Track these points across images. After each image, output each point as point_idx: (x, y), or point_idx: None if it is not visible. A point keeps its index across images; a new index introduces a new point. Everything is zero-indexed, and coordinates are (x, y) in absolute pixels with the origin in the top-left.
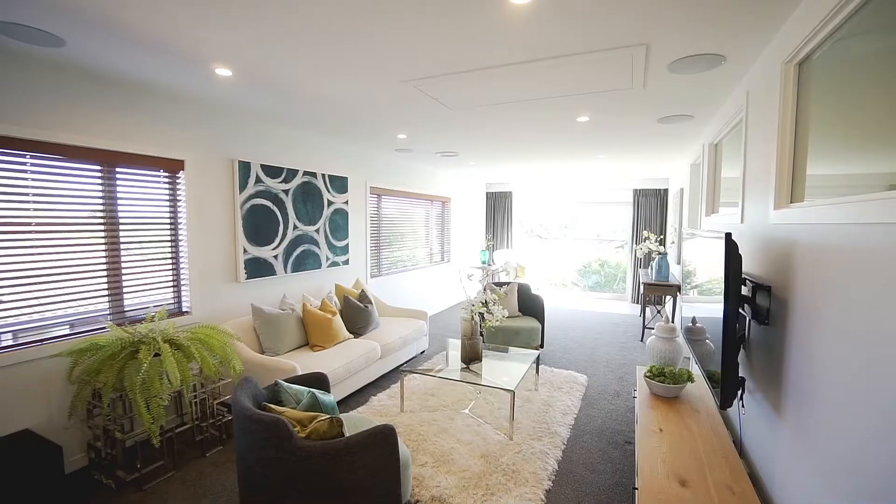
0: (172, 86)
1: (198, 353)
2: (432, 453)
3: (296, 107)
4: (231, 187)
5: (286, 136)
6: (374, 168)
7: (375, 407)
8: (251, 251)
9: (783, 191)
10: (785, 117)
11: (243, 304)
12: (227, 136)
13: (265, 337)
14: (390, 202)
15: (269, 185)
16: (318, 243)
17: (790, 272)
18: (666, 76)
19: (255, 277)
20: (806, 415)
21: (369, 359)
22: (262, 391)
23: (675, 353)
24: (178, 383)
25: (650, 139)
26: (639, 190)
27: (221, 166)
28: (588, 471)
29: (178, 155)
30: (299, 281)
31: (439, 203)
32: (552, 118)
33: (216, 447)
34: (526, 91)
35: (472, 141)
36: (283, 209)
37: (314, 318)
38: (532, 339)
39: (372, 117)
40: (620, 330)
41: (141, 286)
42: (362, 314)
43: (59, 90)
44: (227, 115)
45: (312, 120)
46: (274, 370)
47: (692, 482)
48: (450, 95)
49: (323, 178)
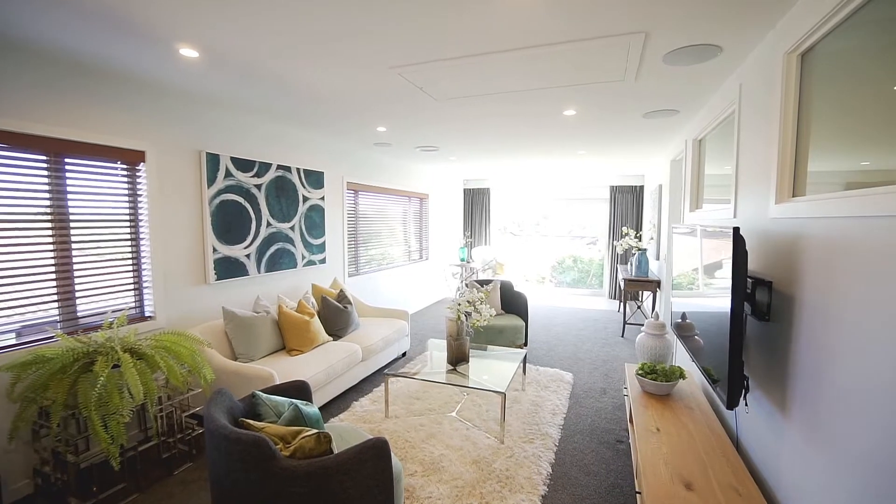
0: (131, 67)
1: (163, 362)
2: (422, 461)
3: (270, 95)
4: (198, 181)
5: (259, 128)
6: (352, 163)
7: (358, 413)
8: (221, 250)
9: (785, 184)
10: (787, 109)
11: (213, 307)
12: (194, 126)
13: (238, 342)
14: (368, 198)
15: (240, 179)
16: (294, 241)
17: (796, 267)
18: (659, 68)
19: (225, 278)
20: (817, 413)
21: (350, 362)
22: (237, 404)
23: (666, 350)
24: (141, 397)
25: (633, 134)
26: (615, 186)
27: (187, 158)
28: (583, 473)
29: (137, 145)
30: (274, 281)
31: (417, 199)
32: (539, 111)
33: (185, 464)
34: (515, 82)
35: (455, 135)
36: (255, 205)
37: (291, 320)
38: (516, 337)
39: (352, 108)
40: (601, 326)
41: (97, 290)
42: (341, 315)
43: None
44: (194, 103)
45: (288, 110)
46: (249, 378)
47: (697, 485)
48: (436, 85)
49: (298, 173)
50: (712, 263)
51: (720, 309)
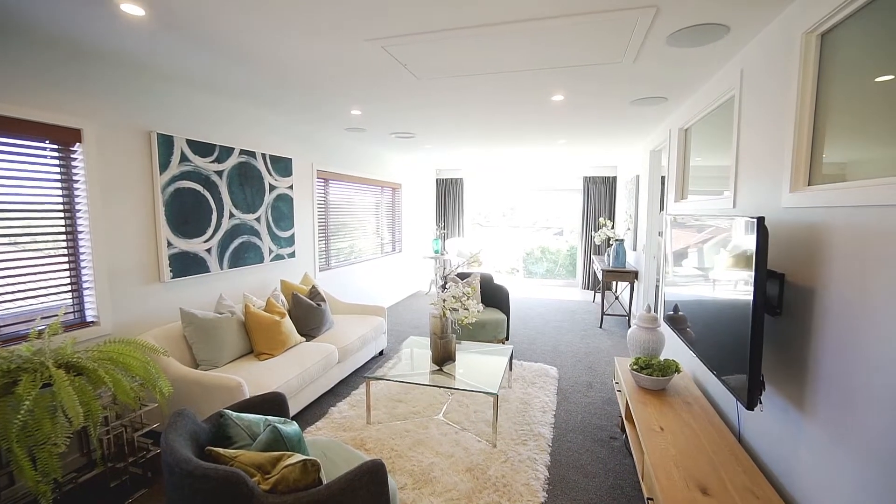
0: (62, 27)
1: (108, 376)
2: (411, 472)
3: (231, 69)
4: (148, 166)
5: (219, 107)
6: (322, 149)
7: (337, 420)
8: (178, 244)
9: (801, 172)
10: (804, 92)
11: (170, 309)
12: (143, 102)
13: (199, 347)
14: (339, 188)
15: (198, 164)
16: (260, 234)
17: (817, 258)
18: (660, 50)
19: (183, 276)
20: (848, 412)
21: (326, 364)
22: (201, 426)
23: (658, 343)
24: (81, 420)
25: (616, 123)
26: (589, 177)
27: (135, 140)
28: (581, 475)
29: (71, 122)
30: (239, 278)
31: (390, 189)
32: (526, 95)
33: (139, 490)
34: (508, 60)
35: (435, 120)
36: (216, 194)
37: (259, 320)
38: (498, 331)
39: (325, 87)
40: (578, 317)
41: (20, 291)
42: (315, 314)
43: None
44: (142, 75)
45: (252, 88)
46: (213, 388)
47: (713, 489)
48: (420, 61)
49: (263, 159)
50: (718, 254)
51: (727, 301)
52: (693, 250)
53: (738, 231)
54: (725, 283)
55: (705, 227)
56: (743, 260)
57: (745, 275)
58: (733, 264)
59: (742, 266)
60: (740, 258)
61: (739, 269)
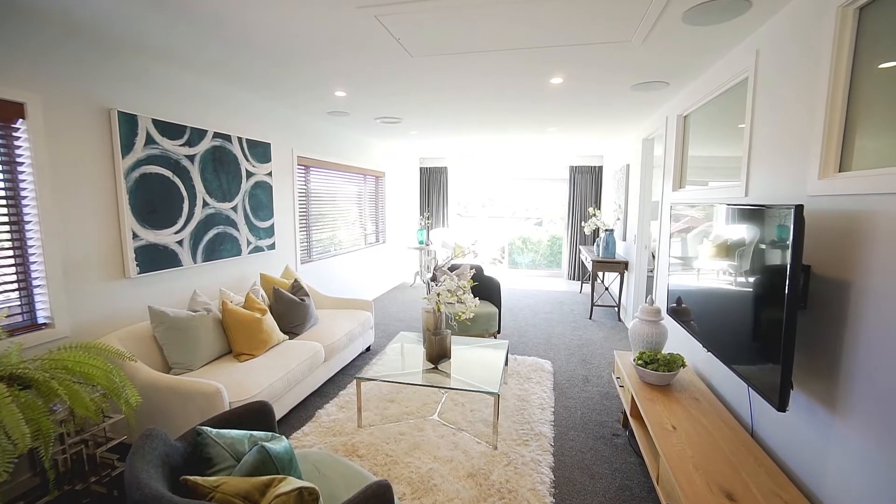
0: None
1: (63, 388)
2: (409, 480)
3: (204, 40)
4: (108, 148)
5: (190, 85)
6: (303, 134)
7: (326, 424)
8: (145, 236)
9: (831, 158)
10: (838, 72)
11: (137, 307)
12: (100, 76)
13: (172, 349)
14: (321, 175)
15: (166, 148)
16: (237, 224)
17: (854, 249)
18: (674, 28)
19: (151, 270)
20: (892, 416)
21: (312, 364)
22: (174, 447)
23: (662, 337)
24: (28, 442)
25: (612, 110)
26: (575, 167)
27: (91, 117)
28: (587, 476)
29: (11, 95)
30: (214, 272)
31: (373, 178)
32: (524, 77)
33: None
34: (508, 36)
35: (426, 104)
36: (187, 181)
37: (238, 318)
38: (490, 325)
39: (308, 63)
40: (567, 308)
41: None
42: (298, 309)
43: None
44: (100, 45)
45: (227, 63)
46: (188, 395)
47: (738, 494)
48: (415, 35)
49: (240, 143)
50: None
51: (749, 295)
52: (706, 240)
53: (765, 220)
54: (748, 276)
55: (719, 215)
56: (773, 250)
57: (774, 266)
58: (760, 255)
59: (771, 257)
60: (769, 248)
61: (767, 261)
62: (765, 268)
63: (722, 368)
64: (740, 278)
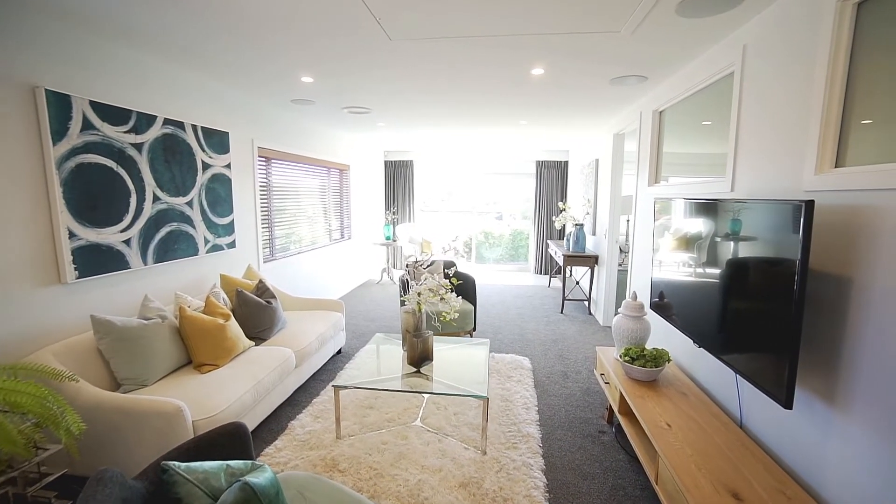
0: None
1: None
2: (398, 495)
3: (150, 5)
4: (35, 133)
5: (137, 64)
6: (264, 123)
7: (300, 436)
8: (84, 235)
9: (828, 153)
10: (835, 68)
11: (76, 317)
12: (22, 48)
13: (120, 363)
14: (283, 168)
15: (108, 134)
16: (193, 221)
17: (855, 245)
18: (667, 19)
19: (93, 274)
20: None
21: (283, 372)
22: (135, 488)
23: (645, 332)
24: None
25: (587, 103)
26: (542, 161)
27: (10, 96)
28: (579, 477)
29: None
30: (168, 274)
31: (337, 171)
32: (505, 67)
33: None
34: (495, 21)
35: (400, 93)
36: (134, 172)
37: (198, 325)
38: (465, 322)
39: (274, 42)
40: (537, 303)
41: None
42: (265, 313)
43: None
44: (20, 9)
45: (180, 38)
46: (142, 416)
47: (744, 493)
48: (396, 15)
49: (194, 132)
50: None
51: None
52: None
53: (768, 215)
54: (746, 272)
55: (709, 210)
56: (775, 246)
57: (775, 262)
58: (762, 251)
59: (773, 252)
60: (772, 244)
61: (769, 256)
62: (764, 264)
63: (707, 362)
64: (737, 275)
